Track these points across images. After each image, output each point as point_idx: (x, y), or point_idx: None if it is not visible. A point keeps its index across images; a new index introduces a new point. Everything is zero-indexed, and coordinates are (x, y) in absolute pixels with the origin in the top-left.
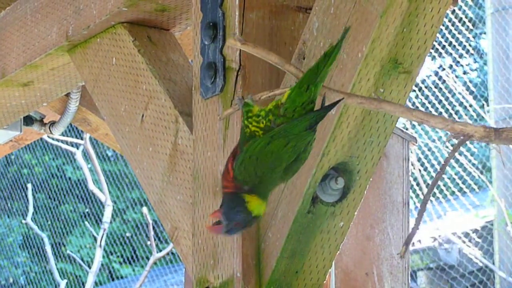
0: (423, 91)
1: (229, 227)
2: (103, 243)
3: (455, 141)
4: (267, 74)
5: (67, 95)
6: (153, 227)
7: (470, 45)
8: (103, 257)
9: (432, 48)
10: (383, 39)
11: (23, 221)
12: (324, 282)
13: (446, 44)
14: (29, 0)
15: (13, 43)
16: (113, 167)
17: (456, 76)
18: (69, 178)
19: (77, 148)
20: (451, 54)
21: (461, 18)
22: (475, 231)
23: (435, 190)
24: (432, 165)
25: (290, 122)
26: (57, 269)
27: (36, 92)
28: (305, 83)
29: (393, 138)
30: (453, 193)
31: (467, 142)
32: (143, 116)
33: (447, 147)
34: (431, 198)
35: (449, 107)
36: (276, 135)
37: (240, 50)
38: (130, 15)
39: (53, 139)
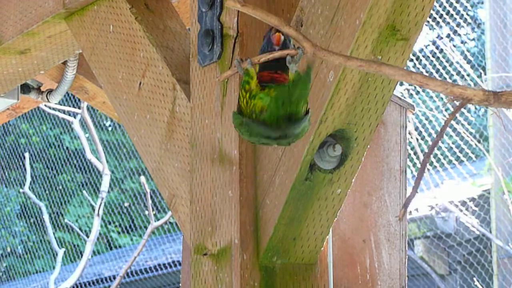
0: (421, 60)
1: None
2: (101, 212)
3: (452, 107)
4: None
5: (64, 63)
6: (151, 197)
7: (468, 14)
8: (101, 226)
9: (430, 18)
10: (381, 6)
11: (21, 191)
12: (322, 249)
13: (444, 14)
14: None
15: (9, 11)
16: (111, 137)
17: (454, 46)
18: (67, 148)
19: (75, 117)
20: (448, 23)
21: None
22: (472, 199)
23: (432, 159)
24: (430, 134)
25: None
26: (55, 238)
27: (33, 59)
28: (279, 99)
29: (390, 105)
30: (450, 162)
31: (465, 111)
32: (140, 83)
33: (444, 116)
34: (428, 166)
35: (447, 76)
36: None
37: (237, 17)
38: None
39: (50, 108)
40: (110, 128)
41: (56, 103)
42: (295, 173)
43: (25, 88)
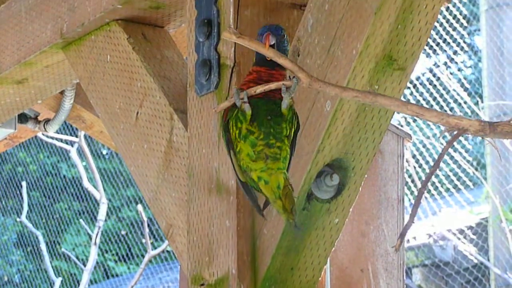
0: (418, 88)
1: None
2: (98, 241)
3: (449, 136)
4: None
5: (62, 92)
6: (148, 225)
7: (464, 42)
8: (98, 255)
9: (427, 45)
10: (378, 36)
11: (18, 219)
12: (320, 278)
13: (441, 41)
14: None
15: (7, 41)
16: (108, 165)
17: (451, 73)
18: (64, 176)
19: (72, 146)
20: (445, 51)
21: (455, 15)
22: (470, 227)
23: (429, 186)
24: (427, 162)
25: None
26: (52, 267)
27: (30, 89)
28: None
29: (388, 134)
30: (447, 190)
31: (462, 139)
32: (138, 113)
33: (441, 143)
34: (426, 195)
35: (444, 104)
36: None
37: (234, 47)
38: (124, 13)
39: (47, 136)
40: (107, 156)
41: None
42: None
43: (23, 118)
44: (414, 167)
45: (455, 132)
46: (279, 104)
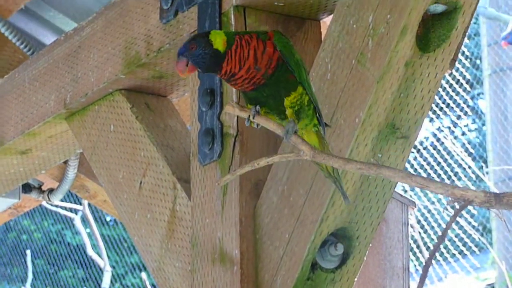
0: (422, 153)
1: (184, 50)
2: None
3: (456, 205)
4: (264, 140)
5: (65, 162)
6: None
7: (468, 106)
8: None
9: (430, 110)
10: (380, 104)
11: (23, 287)
12: None
13: (444, 106)
14: (27, 68)
15: (11, 111)
16: (112, 232)
17: (455, 137)
18: (68, 243)
19: (76, 214)
20: (449, 115)
21: (458, 80)
22: None
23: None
24: (432, 227)
25: None
26: None
27: (34, 159)
28: None
29: (392, 202)
30: (453, 255)
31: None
32: (141, 183)
33: (446, 209)
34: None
35: (448, 169)
36: None
37: (237, 116)
38: (127, 82)
39: (52, 204)
40: (111, 223)
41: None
42: (296, 272)
43: (26, 188)
44: (419, 233)
45: (461, 203)
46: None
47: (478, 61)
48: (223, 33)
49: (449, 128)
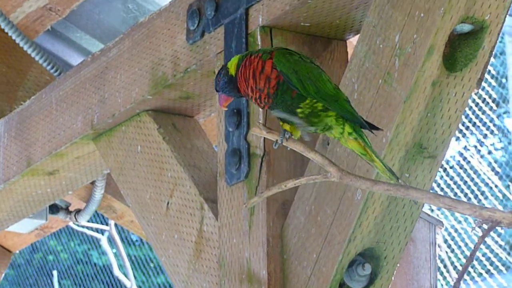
0: (448, 172)
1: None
2: None
3: (484, 226)
4: (291, 160)
5: (92, 182)
6: None
7: (494, 124)
8: None
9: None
10: (407, 124)
11: None
12: None
13: (470, 125)
14: (54, 89)
15: (38, 132)
16: (138, 252)
17: (481, 156)
18: (95, 264)
19: (102, 234)
20: (475, 134)
21: (484, 98)
22: None
23: None
24: (459, 247)
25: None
26: None
27: (61, 180)
28: None
29: (419, 222)
30: (480, 274)
31: None
32: (168, 203)
33: (474, 229)
34: None
35: (475, 188)
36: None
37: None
38: (154, 103)
39: (78, 225)
40: (137, 243)
41: None
42: None
43: (54, 208)
44: (446, 252)
45: (489, 224)
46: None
47: (504, 80)
48: (237, 57)
49: (475, 146)
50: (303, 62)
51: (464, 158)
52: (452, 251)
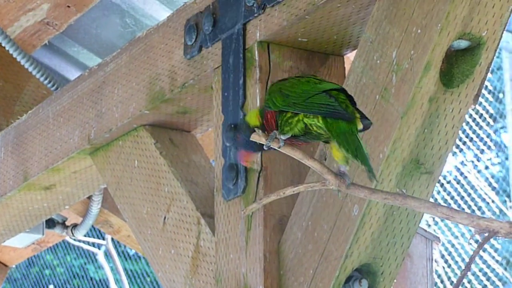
0: (445, 187)
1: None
2: None
3: (480, 237)
4: (289, 175)
5: (89, 197)
6: None
7: (491, 140)
8: None
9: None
10: (404, 140)
11: None
12: None
13: (467, 140)
14: (51, 103)
15: (35, 147)
16: (135, 266)
17: (478, 171)
18: (91, 278)
19: (99, 248)
20: (472, 149)
21: (481, 114)
22: None
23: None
24: (456, 262)
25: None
26: None
27: (58, 195)
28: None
29: (416, 237)
30: None
31: (491, 238)
32: (165, 218)
33: (470, 243)
34: None
35: (472, 203)
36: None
37: (261, 152)
38: (152, 118)
39: (75, 239)
40: (133, 257)
41: None
42: None
43: (50, 223)
44: (443, 267)
45: (485, 235)
46: None
47: (501, 95)
48: (255, 110)
49: (472, 162)
50: (282, 82)
51: (461, 173)
52: (449, 266)
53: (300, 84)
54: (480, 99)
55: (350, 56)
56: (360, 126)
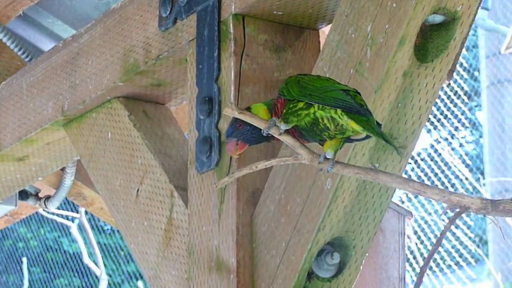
0: (419, 164)
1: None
2: None
3: (451, 213)
4: (262, 148)
5: (63, 169)
6: None
7: (465, 118)
8: None
9: (428, 121)
10: (378, 114)
11: None
12: None
13: (442, 117)
14: (25, 74)
15: (8, 118)
16: (109, 240)
17: (452, 149)
18: (65, 251)
19: (73, 222)
20: (446, 126)
21: (456, 92)
22: None
23: (431, 263)
24: (429, 238)
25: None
26: None
27: (31, 166)
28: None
29: (389, 212)
30: (449, 266)
31: (464, 215)
32: (138, 190)
33: (443, 220)
34: (428, 271)
35: (445, 180)
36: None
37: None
38: (126, 90)
39: (48, 212)
40: (108, 232)
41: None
42: (293, 281)
43: (23, 195)
44: (416, 244)
45: (457, 210)
46: None
47: (476, 73)
48: (262, 104)
49: (447, 139)
50: (301, 75)
51: (435, 151)
52: (422, 242)
53: (319, 80)
54: (455, 77)
55: (325, 30)
56: None
